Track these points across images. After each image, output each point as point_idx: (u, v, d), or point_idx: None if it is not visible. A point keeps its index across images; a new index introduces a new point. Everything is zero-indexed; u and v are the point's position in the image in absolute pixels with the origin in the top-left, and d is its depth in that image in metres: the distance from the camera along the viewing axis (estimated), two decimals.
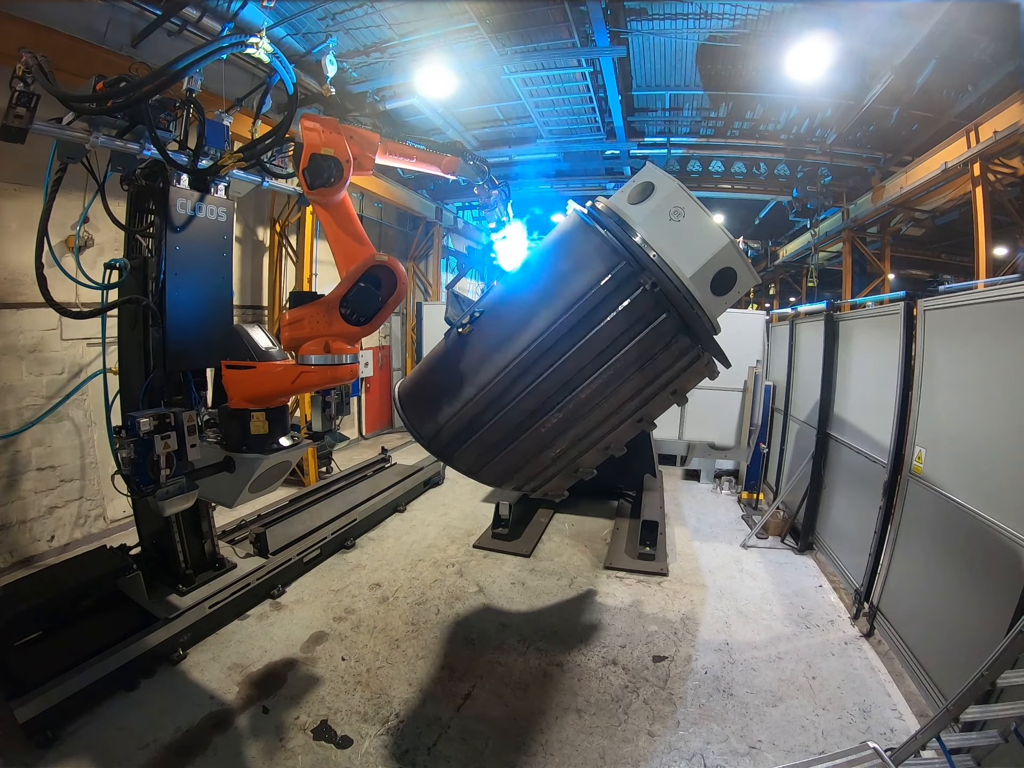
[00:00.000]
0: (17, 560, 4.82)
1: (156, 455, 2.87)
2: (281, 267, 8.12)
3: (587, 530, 6.16)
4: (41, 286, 3.18)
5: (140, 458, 2.88)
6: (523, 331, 2.65)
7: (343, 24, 6.49)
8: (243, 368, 3.04)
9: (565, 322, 2.56)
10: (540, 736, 3.09)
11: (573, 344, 2.57)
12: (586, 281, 2.55)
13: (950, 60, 6.02)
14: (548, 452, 2.89)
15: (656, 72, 7.56)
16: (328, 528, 5.29)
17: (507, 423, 2.74)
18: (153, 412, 2.92)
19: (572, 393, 2.65)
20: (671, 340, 2.59)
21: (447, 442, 2.89)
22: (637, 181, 2.70)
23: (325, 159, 2.75)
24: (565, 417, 2.72)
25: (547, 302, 2.63)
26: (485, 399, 2.71)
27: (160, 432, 2.88)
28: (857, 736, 3.06)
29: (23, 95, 2.69)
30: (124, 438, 2.91)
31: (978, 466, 3.09)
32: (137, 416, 2.85)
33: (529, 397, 2.66)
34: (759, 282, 3.56)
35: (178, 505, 3.13)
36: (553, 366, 2.60)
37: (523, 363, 2.62)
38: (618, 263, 2.49)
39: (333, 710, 3.24)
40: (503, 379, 2.66)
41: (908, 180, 7.72)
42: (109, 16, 5.30)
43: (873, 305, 5.32)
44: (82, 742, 2.88)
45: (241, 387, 3.09)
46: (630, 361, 2.61)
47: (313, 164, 2.74)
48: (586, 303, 2.53)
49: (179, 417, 2.98)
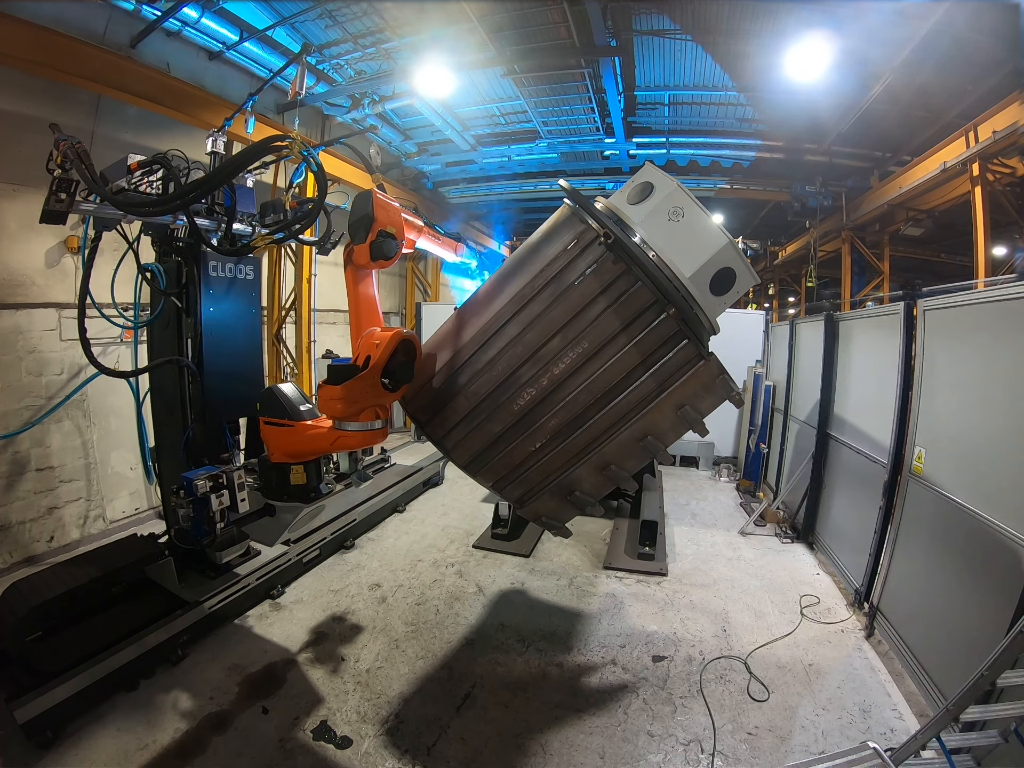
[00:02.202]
0: (17, 560, 4.81)
1: (212, 511, 3.27)
2: (280, 267, 8.12)
3: (586, 530, 6.16)
4: (85, 349, 3.39)
5: (197, 515, 3.28)
6: (497, 297, 2.74)
7: (342, 24, 6.49)
8: (280, 425, 3.35)
9: (532, 284, 2.59)
10: (540, 736, 3.09)
11: (541, 310, 2.56)
12: (555, 248, 2.62)
13: (950, 60, 6.01)
14: (526, 443, 2.68)
15: (656, 72, 7.56)
16: (327, 528, 5.28)
17: (478, 390, 2.67)
18: (207, 472, 3.27)
19: (543, 366, 2.54)
20: (648, 312, 2.44)
21: (423, 405, 2.92)
22: (636, 181, 2.69)
23: (391, 236, 2.99)
24: (539, 395, 2.57)
25: (518, 271, 2.74)
26: (459, 361, 2.76)
27: (215, 492, 3.26)
28: (857, 736, 3.06)
29: (63, 181, 2.82)
30: (182, 498, 3.25)
31: (978, 466, 3.09)
32: (193, 478, 3.18)
33: (499, 363, 2.62)
34: (758, 282, 3.55)
35: (233, 554, 3.67)
36: (521, 332, 2.59)
37: (492, 326, 2.67)
38: (583, 229, 2.53)
39: (333, 710, 3.24)
40: (475, 340, 2.72)
41: (907, 180, 7.73)
42: (108, 16, 5.30)
43: (873, 305, 5.33)
44: (82, 742, 2.88)
45: (280, 443, 3.35)
46: (603, 334, 2.46)
47: (379, 239, 2.95)
48: (551, 266, 2.57)
49: (230, 476, 3.36)
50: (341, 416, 2.89)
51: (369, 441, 3.02)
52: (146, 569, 3.77)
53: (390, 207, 3.05)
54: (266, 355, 8.12)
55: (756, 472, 7.74)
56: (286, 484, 3.45)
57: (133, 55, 5.50)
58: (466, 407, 2.72)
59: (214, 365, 3.76)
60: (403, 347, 2.79)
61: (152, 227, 3.69)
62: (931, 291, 3.86)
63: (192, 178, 3.42)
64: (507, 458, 2.74)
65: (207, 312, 3.72)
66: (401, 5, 6.14)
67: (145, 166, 3.25)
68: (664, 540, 5.65)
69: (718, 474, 8.54)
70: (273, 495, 3.54)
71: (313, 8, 6.06)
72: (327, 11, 6.19)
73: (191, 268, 3.70)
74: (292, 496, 3.51)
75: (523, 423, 2.64)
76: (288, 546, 4.56)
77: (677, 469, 9.05)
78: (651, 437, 2.65)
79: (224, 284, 3.84)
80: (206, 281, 3.71)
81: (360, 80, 7.50)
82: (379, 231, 2.94)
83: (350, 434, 2.93)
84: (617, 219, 2.59)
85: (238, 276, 3.94)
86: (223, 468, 3.36)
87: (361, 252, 2.95)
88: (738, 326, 8.02)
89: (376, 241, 2.94)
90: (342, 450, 3.28)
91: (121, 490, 5.89)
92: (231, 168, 2.87)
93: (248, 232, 3.89)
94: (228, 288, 3.88)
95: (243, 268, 3.98)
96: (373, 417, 2.91)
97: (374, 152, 4.08)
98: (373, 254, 2.95)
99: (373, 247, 2.94)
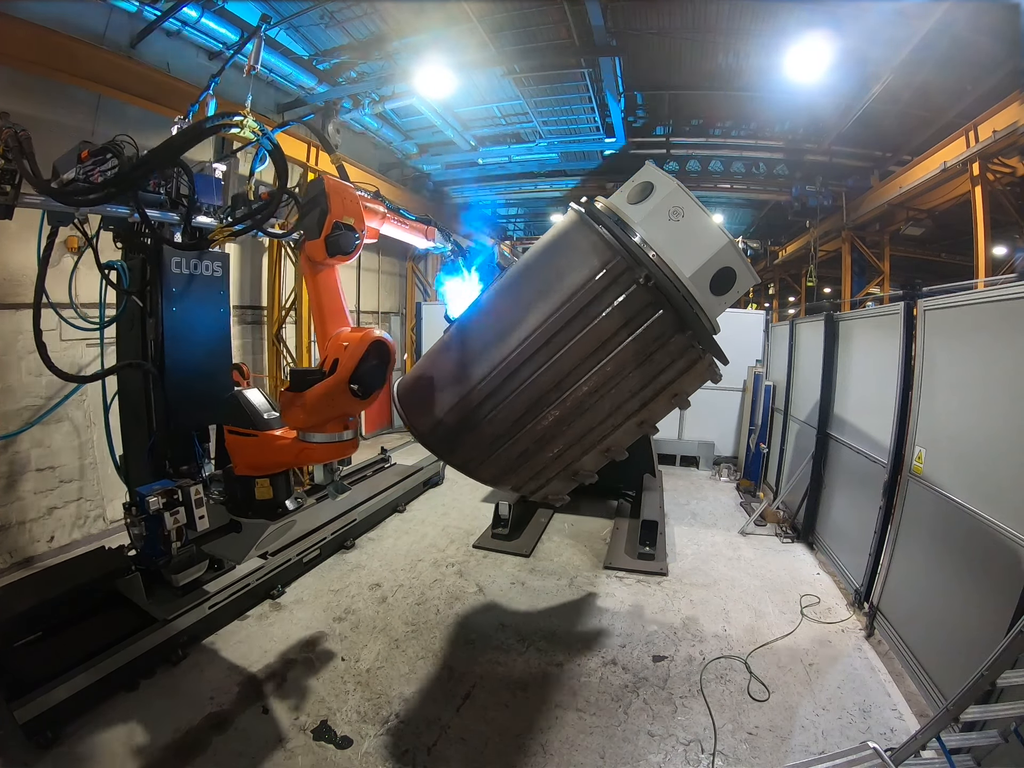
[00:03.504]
0: (17, 560, 4.81)
1: (167, 530, 2.93)
2: (280, 267, 8.12)
3: (587, 530, 6.16)
4: (41, 352, 3.18)
5: (151, 533, 2.95)
6: (519, 326, 2.65)
7: (341, 23, 6.49)
8: (244, 435, 3.05)
9: (560, 316, 2.55)
10: (540, 736, 3.09)
11: (568, 339, 2.56)
12: (581, 276, 2.55)
13: (950, 60, 6.02)
14: (546, 452, 2.86)
15: (656, 71, 7.56)
16: (328, 528, 5.29)
17: (504, 418, 2.72)
18: (161, 488, 2.96)
19: (569, 390, 2.64)
20: (668, 338, 2.58)
21: (443, 437, 2.87)
22: (636, 181, 2.69)
23: (348, 228, 2.72)
24: (562, 415, 2.71)
25: (543, 297, 2.64)
26: (482, 393, 2.71)
27: (169, 509, 2.94)
28: (857, 736, 3.06)
29: (5, 172, 2.53)
30: (135, 515, 2.97)
31: (978, 466, 3.09)
32: (146, 494, 2.89)
33: (525, 392, 2.65)
34: (758, 282, 3.55)
35: (190, 576, 3.29)
36: (549, 361, 2.59)
37: (519, 357, 2.62)
38: (613, 258, 2.49)
39: (333, 710, 3.24)
40: (500, 373, 2.66)
41: (907, 180, 7.73)
42: (108, 17, 5.30)
43: (873, 305, 5.34)
44: (82, 742, 2.88)
45: (244, 454, 3.09)
46: (627, 358, 2.58)
47: (335, 232, 2.69)
48: (581, 298, 2.53)
49: (187, 491, 3.03)
50: (305, 426, 2.68)
51: (337, 453, 2.83)
52: (117, 583, 3.61)
53: (346, 194, 2.78)
54: (266, 355, 8.12)
55: (756, 472, 7.75)
56: (251, 499, 3.12)
57: (133, 55, 5.50)
58: (490, 435, 2.78)
59: (178, 368, 3.45)
60: (375, 349, 2.59)
61: (112, 221, 3.37)
62: (931, 291, 3.86)
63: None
64: (528, 467, 2.91)
65: (169, 312, 3.42)
66: (401, 5, 6.14)
67: (96, 154, 2.95)
68: (664, 540, 5.65)
69: (718, 474, 8.55)
70: (237, 510, 3.20)
71: (313, 8, 6.07)
72: (327, 11, 6.21)
73: (152, 265, 3.39)
74: (257, 512, 3.16)
75: (545, 437, 2.78)
76: (266, 559, 4.40)
77: (677, 469, 9.05)
78: (647, 422, 2.89)
79: (188, 282, 3.51)
80: (168, 279, 3.39)
81: (361, 80, 7.50)
82: (334, 223, 2.69)
83: (316, 446, 2.74)
84: (618, 219, 2.59)
85: (204, 273, 3.60)
86: (180, 482, 3.09)
87: (316, 248, 2.71)
88: (738, 326, 8.02)
89: (332, 235, 2.68)
90: (308, 463, 3.04)
91: (121, 490, 5.85)
92: (171, 149, 2.60)
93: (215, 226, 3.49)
94: (193, 286, 3.54)
95: (210, 264, 3.63)
96: (341, 428, 2.70)
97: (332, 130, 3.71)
98: (329, 249, 2.70)
99: (329, 242, 2.69)
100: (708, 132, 9.21)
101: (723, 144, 9.35)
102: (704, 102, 8.40)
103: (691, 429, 9.25)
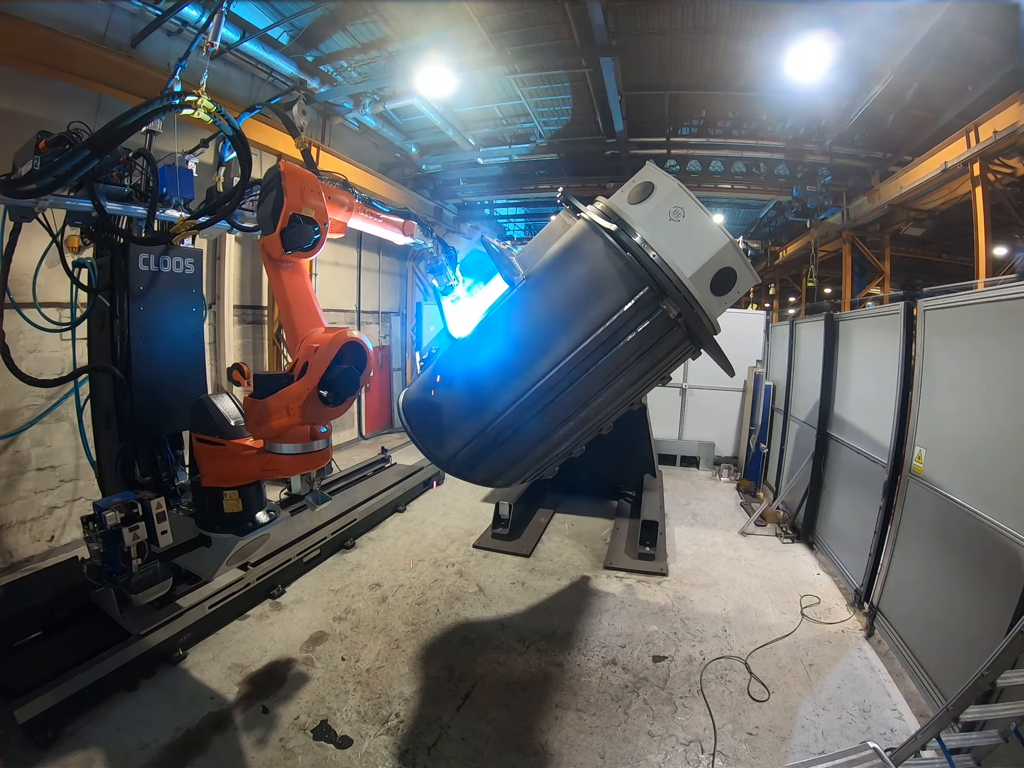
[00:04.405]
0: (17, 560, 4.82)
1: (126, 547, 2.74)
2: None
3: (587, 530, 6.16)
4: (4, 356, 3.02)
5: (110, 549, 2.76)
6: (545, 356, 2.65)
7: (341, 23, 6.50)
8: (211, 443, 2.83)
9: (587, 347, 2.60)
10: (540, 736, 3.09)
11: (591, 366, 2.64)
12: (609, 306, 2.56)
13: (950, 60, 6.02)
14: (554, 451, 3.05)
15: (656, 71, 7.56)
16: (328, 528, 5.29)
17: (524, 440, 2.84)
18: (120, 501, 2.77)
19: (585, 408, 2.79)
20: (677, 345, 2.75)
21: (463, 463, 2.94)
22: (637, 181, 2.70)
23: (307, 221, 2.48)
24: (576, 425, 2.88)
25: (568, 327, 2.63)
26: (504, 423, 2.76)
27: (127, 524, 2.74)
28: (857, 736, 3.06)
29: None
30: (93, 530, 2.78)
31: (978, 466, 3.09)
32: (103, 508, 2.70)
33: (546, 415, 2.75)
34: (759, 282, 3.60)
35: (153, 595, 3.02)
36: (571, 387, 2.68)
37: (545, 386, 2.67)
38: (642, 289, 2.52)
39: (333, 710, 3.24)
40: (524, 403, 2.70)
41: (908, 180, 7.73)
42: (108, 16, 5.30)
43: (873, 305, 5.34)
44: (82, 742, 2.87)
45: (211, 464, 2.87)
46: (641, 372, 2.77)
47: (292, 225, 2.44)
48: (607, 330, 2.57)
49: (147, 505, 2.84)
50: (271, 436, 2.46)
51: (305, 466, 2.60)
52: (91, 594, 3.46)
53: (306, 183, 2.50)
54: (266, 355, 8.11)
55: (756, 472, 7.75)
56: (219, 512, 2.90)
57: (134, 54, 5.50)
58: (510, 456, 2.92)
59: (145, 371, 3.25)
60: (349, 351, 2.38)
61: (78, 216, 3.17)
62: (931, 291, 3.86)
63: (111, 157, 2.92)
64: (536, 468, 3.13)
65: (136, 312, 3.20)
66: (402, 5, 6.14)
67: (53, 144, 2.79)
68: (664, 540, 5.65)
69: (718, 474, 8.55)
70: (206, 524, 3.02)
71: (313, 8, 6.07)
72: (327, 11, 6.21)
73: (117, 261, 3.19)
74: (225, 526, 2.96)
75: (556, 442, 2.95)
76: (245, 570, 4.22)
77: (677, 469, 9.04)
78: (635, 402, 3.21)
79: (157, 280, 3.28)
80: (134, 276, 3.16)
81: (362, 81, 7.50)
82: (291, 215, 2.43)
83: (282, 458, 2.53)
84: (619, 220, 2.59)
85: (174, 270, 3.36)
86: (141, 495, 2.90)
87: (272, 243, 2.45)
88: (739, 326, 8.02)
89: (288, 229, 2.43)
90: (275, 476, 2.77)
91: None
92: (113, 131, 2.44)
93: None
94: (162, 284, 3.31)
95: (180, 261, 3.40)
96: (309, 437, 2.47)
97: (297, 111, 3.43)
98: (285, 244, 2.45)
99: (284, 236, 2.43)
100: (709, 132, 9.21)
101: (723, 144, 9.35)
102: (704, 102, 8.40)
103: (691, 429, 9.25)
